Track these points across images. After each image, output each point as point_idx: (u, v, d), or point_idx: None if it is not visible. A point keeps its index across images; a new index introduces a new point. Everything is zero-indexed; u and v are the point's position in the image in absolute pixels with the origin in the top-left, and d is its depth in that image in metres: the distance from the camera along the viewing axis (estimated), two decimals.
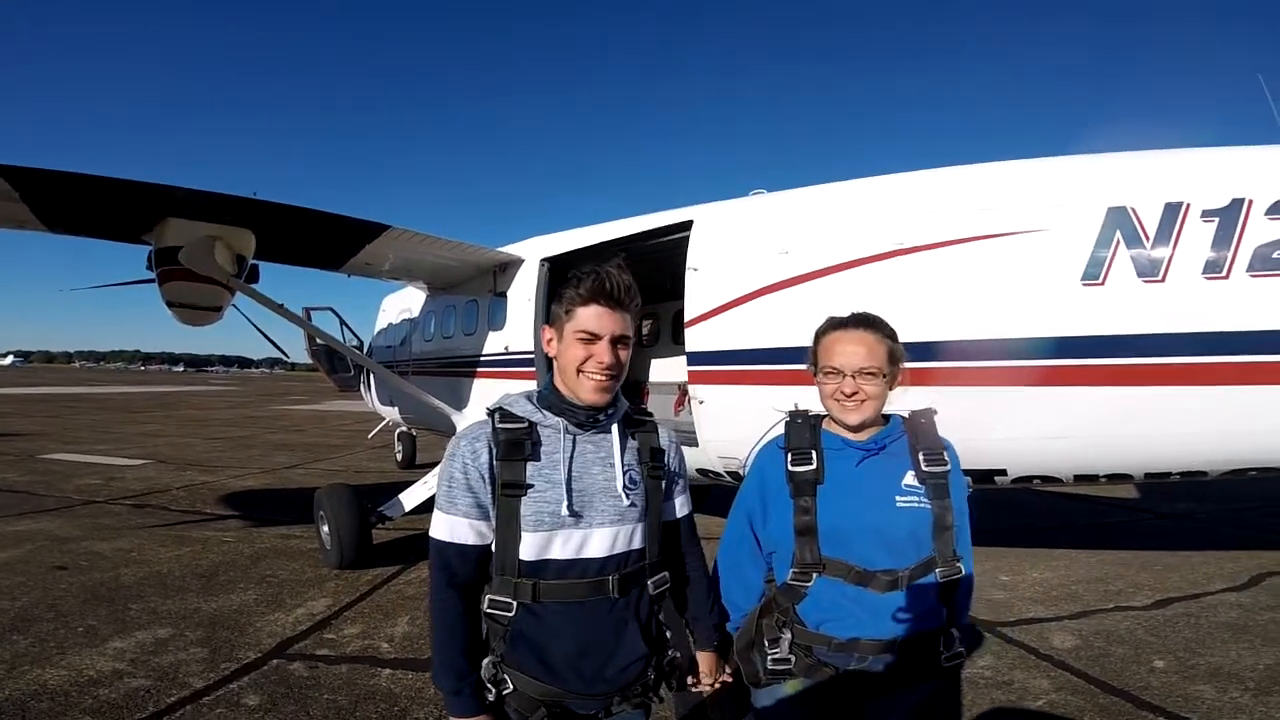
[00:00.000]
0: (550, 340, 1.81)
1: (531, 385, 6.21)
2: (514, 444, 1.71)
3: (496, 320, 7.43)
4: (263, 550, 6.73)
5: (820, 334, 2.02)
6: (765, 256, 5.08)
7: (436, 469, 6.87)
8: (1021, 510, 9.00)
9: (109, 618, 4.78)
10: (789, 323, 4.82)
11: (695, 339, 5.44)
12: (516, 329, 7.12)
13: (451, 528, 1.72)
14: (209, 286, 6.25)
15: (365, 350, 11.78)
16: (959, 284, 4.34)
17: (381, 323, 11.55)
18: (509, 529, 1.69)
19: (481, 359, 7.61)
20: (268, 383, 77.64)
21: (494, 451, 1.71)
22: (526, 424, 1.75)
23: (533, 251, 7.16)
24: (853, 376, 1.89)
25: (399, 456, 12.79)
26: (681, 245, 5.69)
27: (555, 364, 1.80)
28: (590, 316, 1.72)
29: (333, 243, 6.63)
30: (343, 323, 12.80)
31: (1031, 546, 7.07)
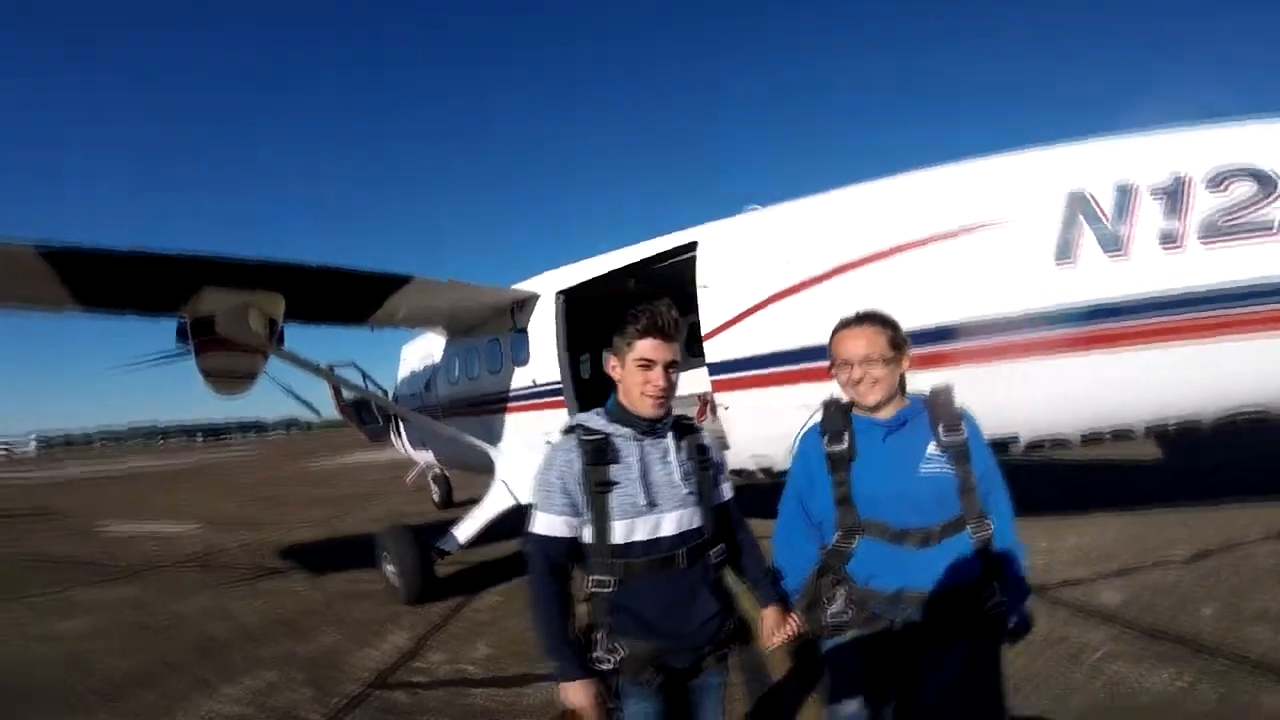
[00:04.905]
0: (614, 366, 2.25)
1: (561, 414, 6.45)
2: (599, 451, 2.15)
3: (520, 356, 7.61)
4: (333, 595, 7.01)
5: (832, 334, 2.37)
6: (769, 268, 5.43)
7: (483, 503, 7.13)
8: (1049, 481, 9.19)
9: (216, 668, 5.08)
10: (798, 326, 5.17)
11: (714, 350, 5.75)
12: (541, 362, 7.31)
13: (549, 524, 2.14)
14: (245, 354, 6.43)
15: (390, 399, 11.99)
16: (949, 274, 4.66)
17: (404, 371, 11.69)
18: (602, 520, 2.11)
19: (510, 395, 7.78)
20: (287, 444, 78.15)
21: (584, 459, 2.14)
22: (603, 435, 2.18)
23: (547, 286, 7.38)
24: (858, 365, 2.25)
25: (436, 497, 12.98)
26: (688, 265, 6.01)
27: (620, 385, 2.24)
28: (648, 347, 2.16)
29: (359, 298, 6.75)
30: (365, 376, 12.98)
31: (1064, 514, 7.25)
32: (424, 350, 10.57)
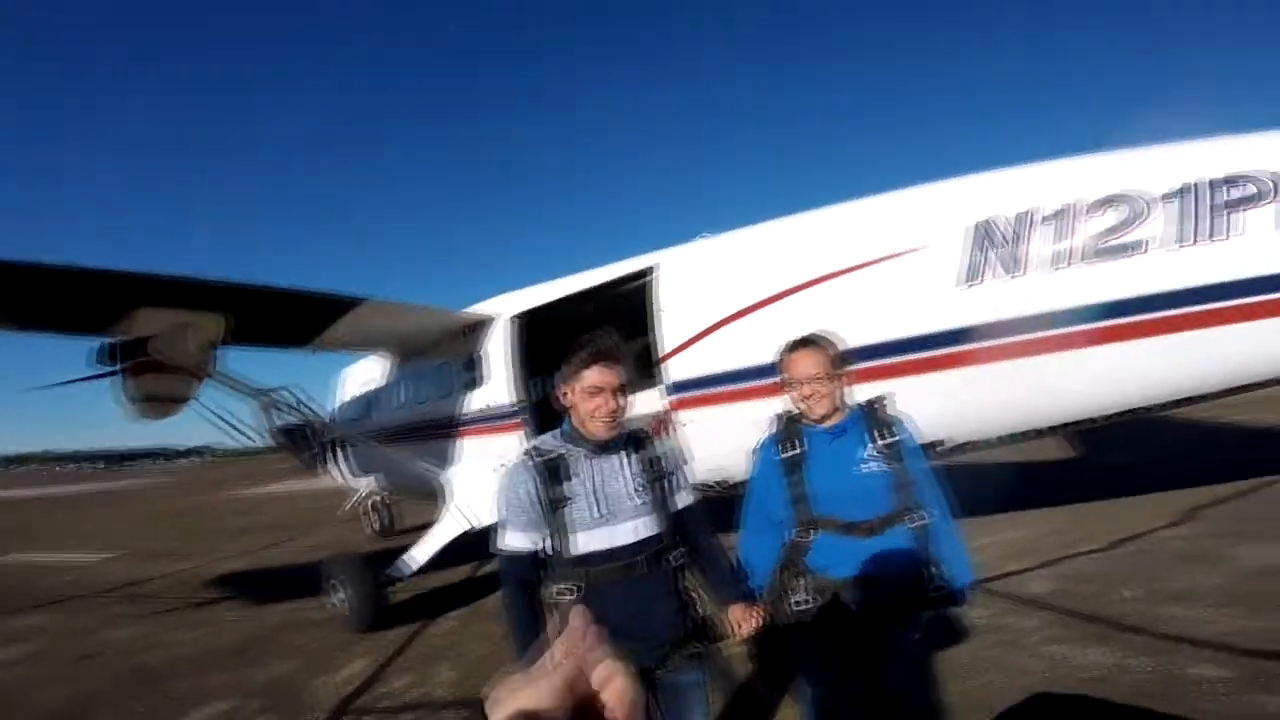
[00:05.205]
0: (566, 394, 2.41)
1: (518, 437, 6.56)
2: (552, 470, 2.33)
3: (475, 379, 7.58)
4: (278, 624, 6.83)
5: (781, 355, 2.69)
6: (722, 291, 5.76)
7: (436, 528, 7.07)
8: (974, 483, 9.64)
9: (165, 698, 4.92)
10: (750, 346, 5.45)
11: (672, 370, 5.99)
12: (496, 386, 7.30)
13: (512, 540, 2.35)
14: (180, 377, 6.25)
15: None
16: (877, 297, 5.12)
17: (343, 396, 11.42)
18: (560, 533, 2.30)
19: (464, 418, 7.72)
20: (200, 472, 74.38)
21: (538, 479, 2.32)
22: (557, 454, 2.36)
23: (503, 309, 7.41)
24: (806, 383, 2.57)
25: (375, 525, 12.57)
26: (644, 290, 6.24)
27: (572, 411, 2.41)
28: (594, 375, 2.33)
29: (307, 320, 6.66)
30: (300, 401, 12.53)
31: (990, 514, 7.64)
32: (366, 374, 10.33)
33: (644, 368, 8.75)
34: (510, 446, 7.03)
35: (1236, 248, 4.29)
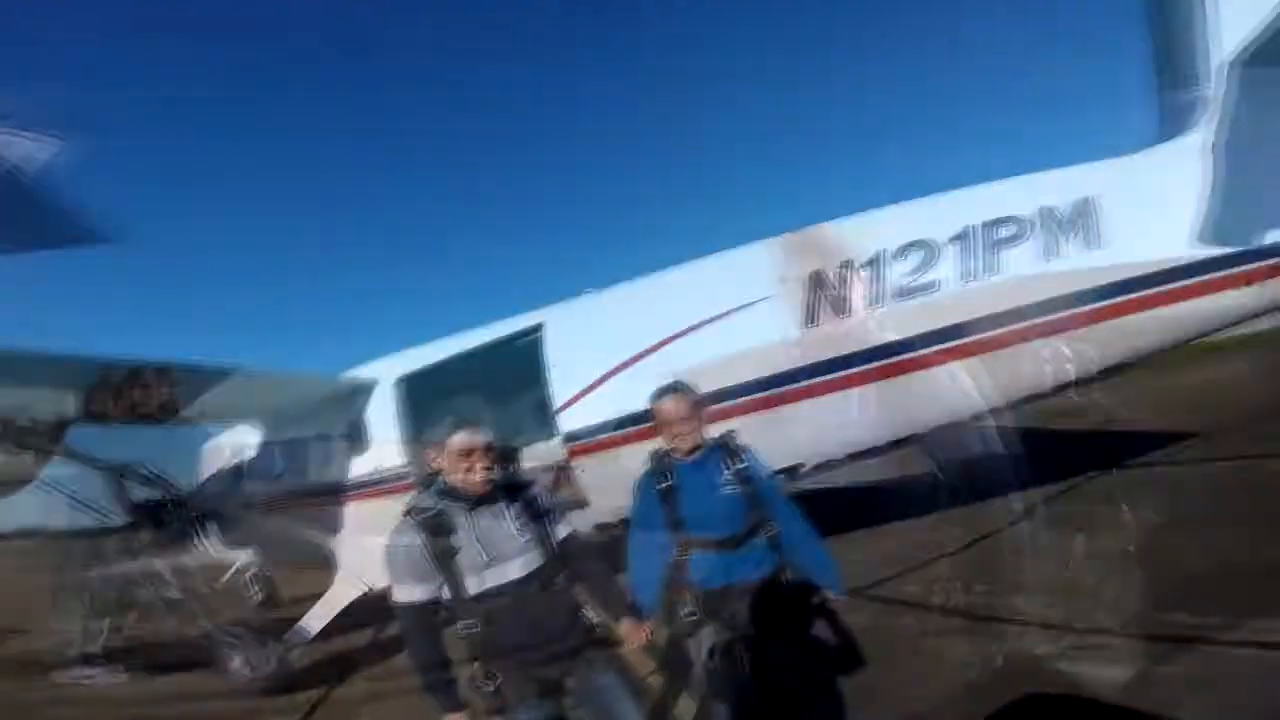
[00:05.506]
0: (436, 459, 2.73)
1: (408, 498, 6.58)
2: (434, 526, 2.62)
3: (360, 444, 7.46)
4: (172, 694, 6.61)
5: (651, 402, 3.26)
6: (606, 344, 6.22)
7: (330, 593, 6.92)
8: (840, 502, 10.41)
9: None
10: (636, 393, 5.84)
11: (567, 421, 6.33)
12: (384, 449, 7.23)
13: (406, 593, 2.62)
14: (23, 458, 6.01)
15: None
16: (739, 342, 5.76)
17: (210, 467, 10.86)
18: (454, 580, 2.59)
19: (351, 483, 7.52)
20: (28, 549, 65.30)
21: (422, 535, 2.60)
22: (436, 511, 2.66)
23: (386, 371, 7.41)
24: (674, 424, 3.14)
25: (259, 597, 12.01)
26: (534, 346, 6.56)
27: (446, 473, 2.71)
28: (461, 441, 2.65)
29: (170, 393, 6.23)
30: (158, 475, 11.75)
31: (856, 530, 8.37)
32: (236, 443, 9.86)
33: (539, 421, 8.89)
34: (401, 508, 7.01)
35: (1008, 281, 5.19)
